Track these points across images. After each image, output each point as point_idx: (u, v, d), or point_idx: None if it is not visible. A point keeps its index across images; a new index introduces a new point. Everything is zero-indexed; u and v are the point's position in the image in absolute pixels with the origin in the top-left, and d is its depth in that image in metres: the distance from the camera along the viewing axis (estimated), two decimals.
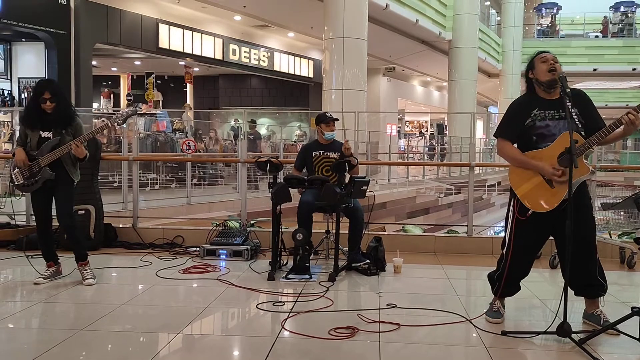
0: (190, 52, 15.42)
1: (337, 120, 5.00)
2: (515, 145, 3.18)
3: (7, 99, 12.12)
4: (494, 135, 3.29)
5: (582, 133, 2.95)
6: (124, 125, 5.86)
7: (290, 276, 4.25)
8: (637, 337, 2.75)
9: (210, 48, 16.04)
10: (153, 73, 17.77)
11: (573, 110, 2.94)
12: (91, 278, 4.06)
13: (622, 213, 5.02)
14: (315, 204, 4.58)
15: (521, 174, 3.11)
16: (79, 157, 3.99)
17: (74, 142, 3.91)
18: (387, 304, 3.57)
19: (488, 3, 25.95)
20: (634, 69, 23.11)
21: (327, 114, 4.98)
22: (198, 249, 5.05)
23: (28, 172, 3.97)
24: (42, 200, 4.07)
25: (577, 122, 2.95)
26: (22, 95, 12.00)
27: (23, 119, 4.08)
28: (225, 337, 3.11)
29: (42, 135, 3.98)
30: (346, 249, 4.71)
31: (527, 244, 3.19)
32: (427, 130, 28.25)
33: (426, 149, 21.51)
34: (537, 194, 3.04)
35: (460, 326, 3.21)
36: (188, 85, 19.29)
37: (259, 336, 3.03)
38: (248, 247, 4.90)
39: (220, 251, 4.91)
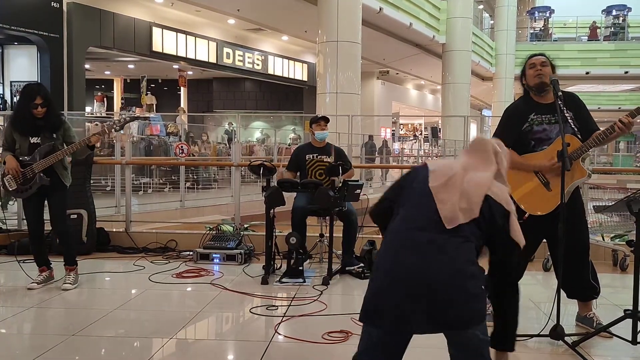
0: (184, 56, 15.38)
1: (328, 119, 4.98)
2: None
3: (0, 102, 12.06)
4: None
5: (579, 136, 2.96)
6: (121, 131, 5.79)
7: (283, 280, 4.24)
8: (630, 339, 2.75)
9: (204, 51, 16.02)
10: (145, 76, 17.72)
11: (568, 114, 2.95)
12: (70, 284, 3.99)
13: (614, 215, 5.04)
14: (308, 207, 4.58)
15: (518, 177, 3.10)
16: (91, 145, 3.93)
17: (93, 135, 3.91)
18: None
19: (481, 7, 26.08)
20: (626, 72, 23.25)
21: (317, 115, 5.01)
22: (191, 253, 5.03)
23: (22, 177, 3.88)
24: (35, 206, 4.00)
25: (573, 126, 2.95)
26: (15, 99, 11.95)
27: (13, 124, 3.93)
28: (219, 342, 3.10)
29: (32, 141, 3.90)
30: (340, 252, 4.71)
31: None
32: (421, 134, 28.31)
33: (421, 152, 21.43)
34: (533, 198, 3.05)
35: None
36: (182, 88, 19.26)
37: (253, 340, 3.02)
38: (241, 251, 4.89)
39: (214, 255, 4.89)
